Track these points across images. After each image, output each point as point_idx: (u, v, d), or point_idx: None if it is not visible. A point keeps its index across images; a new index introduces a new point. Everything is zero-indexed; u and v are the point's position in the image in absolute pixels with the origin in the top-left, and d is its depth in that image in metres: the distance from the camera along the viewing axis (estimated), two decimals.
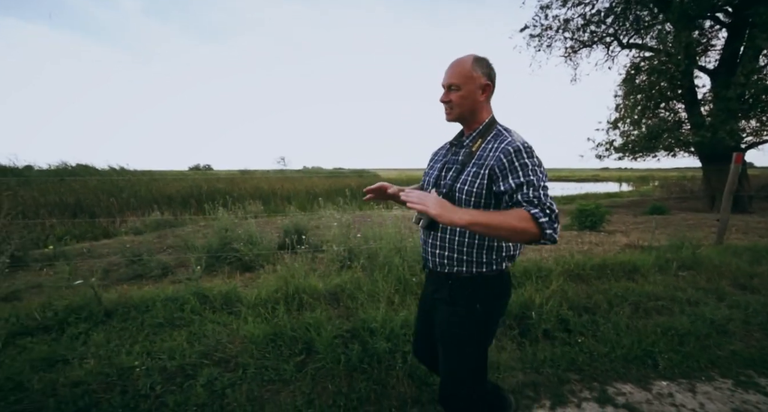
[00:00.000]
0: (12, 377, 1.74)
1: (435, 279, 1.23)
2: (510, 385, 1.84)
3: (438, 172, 1.22)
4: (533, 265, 3.16)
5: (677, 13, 8.35)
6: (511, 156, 1.02)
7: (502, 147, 1.05)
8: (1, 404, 1.61)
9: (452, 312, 1.15)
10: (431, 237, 1.19)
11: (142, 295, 2.63)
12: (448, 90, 1.13)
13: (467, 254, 1.12)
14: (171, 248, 5.59)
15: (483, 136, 1.13)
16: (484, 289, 1.14)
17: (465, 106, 1.13)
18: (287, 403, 1.68)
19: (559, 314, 2.39)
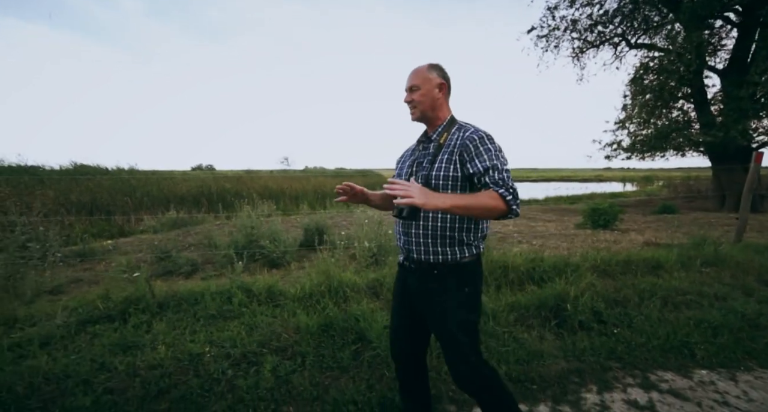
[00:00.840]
0: (95, 359, 1.86)
1: (419, 270, 1.29)
2: (556, 371, 1.94)
3: (408, 168, 1.33)
4: (561, 261, 3.26)
5: (688, 14, 8.42)
6: (476, 142, 1.17)
7: (467, 135, 1.20)
8: (94, 382, 1.73)
9: (448, 299, 1.23)
10: (413, 227, 1.25)
11: (189, 289, 2.74)
12: (410, 91, 1.28)
13: (449, 237, 1.21)
14: (193, 246, 5.71)
15: (448, 130, 1.27)
16: (467, 273, 1.25)
17: (426, 104, 1.27)
18: (349, 388, 1.79)
19: (592, 306, 2.48)
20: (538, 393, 1.81)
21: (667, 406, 1.66)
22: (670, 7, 9.68)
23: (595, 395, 1.77)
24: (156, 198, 11.95)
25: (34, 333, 2.11)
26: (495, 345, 2.13)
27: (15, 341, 2.05)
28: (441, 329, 1.26)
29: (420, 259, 1.26)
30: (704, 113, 9.68)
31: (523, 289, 2.97)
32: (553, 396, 1.78)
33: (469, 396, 1.28)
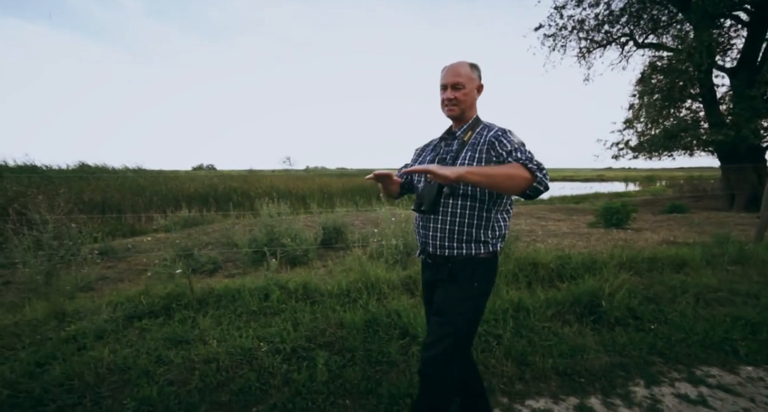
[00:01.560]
0: (150, 352, 1.90)
1: (434, 264, 1.30)
2: (600, 365, 1.98)
3: (429, 164, 1.33)
4: (589, 258, 3.29)
5: (699, 13, 8.43)
6: (500, 137, 1.21)
7: (492, 133, 1.23)
8: (155, 373, 1.77)
9: (453, 288, 1.24)
10: (432, 221, 1.27)
11: (225, 285, 2.78)
12: (453, 89, 1.27)
13: (467, 234, 1.21)
14: (210, 245, 5.75)
15: (473, 129, 1.29)
16: (480, 269, 1.24)
17: (466, 104, 1.29)
18: (401, 382, 1.82)
19: (627, 303, 2.52)
20: (586, 386, 1.84)
21: (719, 401, 1.69)
22: (680, 7, 9.70)
23: (643, 389, 1.81)
24: (165, 197, 12.00)
25: (87, 327, 2.15)
26: (538, 340, 2.17)
27: (71, 334, 2.09)
28: (440, 315, 1.24)
29: (435, 253, 1.28)
30: (714, 113, 9.71)
31: (554, 285, 3.01)
32: (602, 389, 1.81)
33: (420, 378, 1.23)
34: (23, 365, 1.82)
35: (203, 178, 15.66)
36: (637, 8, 10.80)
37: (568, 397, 1.77)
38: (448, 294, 1.24)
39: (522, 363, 1.99)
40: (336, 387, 1.79)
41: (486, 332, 2.17)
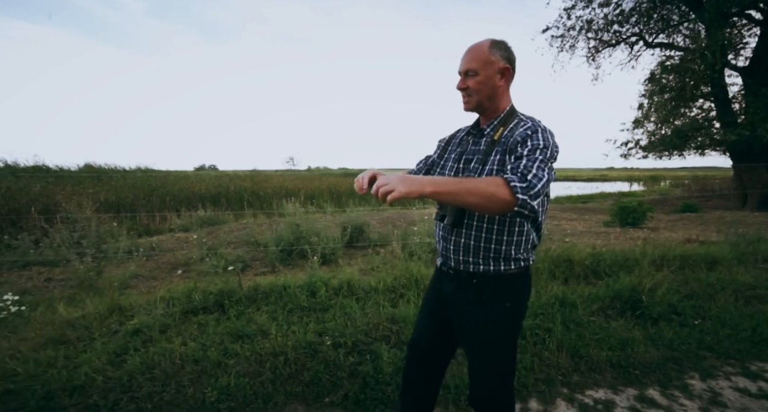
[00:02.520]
0: (216, 346, 1.96)
1: (456, 278, 1.15)
2: (651, 358, 2.03)
3: (454, 163, 1.16)
4: (621, 255, 3.35)
5: (712, 12, 8.46)
6: (528, 134, 0.98)
7: (521, 130, 1.01)
8: (226, 364, 1.83)
9: (484, 313, 1.10)
10: (455, 234, 1.11)
11: (270, 283, 2.84)
12: (465, 76, 1.07)
13: (494, 250, 1.06)
14: (232, 243, 5.82)
15: (505, 124, 1.07)
16: (511, 287, 1.10)
17: (484, 93, 1.07)
18: (463, 373, 1.88)
19: (668, 299, 2.57)
20: (642, 378, 1.90)
21: None
22: (692, 6, 9.73)
23: (699, 382, 1.86)
24: (176, 197, 12.09)
25: (149, 321, 2.22)
26: (587, 333, 2.22)
27: (136, 327, 2.15)
28: (472, 346, 1.13)
29: (459, 268, 1.13)
30: (726, 112, 9.73)
31: (589, 282, 3.06)
32: (658, 381, 1.87)
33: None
34: (103, 354, 1.89)
35: (212, 179, 15.77)
36: (647, 8, 10.83)
37: (626, 388, 1.83)
38: (477, 320, 1.10)
39: (575, 355, 2.05)
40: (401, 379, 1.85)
41: (537, 325, 2.23)
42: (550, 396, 1.78)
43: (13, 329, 2.18)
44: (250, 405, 1.66)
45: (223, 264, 3.22)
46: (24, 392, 1.64)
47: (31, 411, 1.57)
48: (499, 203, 0.84)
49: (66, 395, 1.65)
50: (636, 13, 11.04)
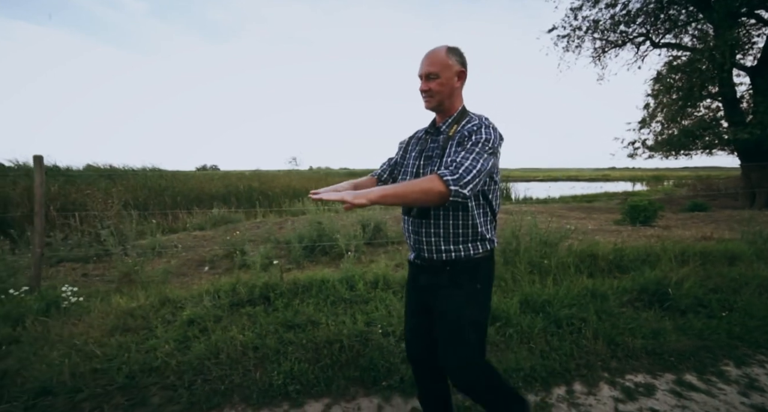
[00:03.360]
0: (270, 334, 2.08)
1: (430, 268, 1.23)
2: (684, 346, 2.14)
3: (415, 161, 1.27)
4: (642, 251, 3.45)
5: (722, 12, 8.54)
6: (474, 129, 1.11)
7: (470, 125, 1.15)
8: (285, 352, 1.95)
9: (457, 294, 1.18)
10: (424, 226, 1.19)
11: (307, 277, 2.96)
12: (427, 79, 1.17)
13: (462, 234, 1.16)
14: (251, 241, 5.93)
15: (458, 122, 1.19)
16: (480, 269, 1.20)
17: (444, 94, 1.18)
18: (509, 359, 1.99)
19: (693, 292, 2.68)
20: (678, 364, 2.01)
21: None
22: (700, 7, 9.81)
23: (735, 369, 1.96)
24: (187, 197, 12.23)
25: (200, 312, 2.34)
26: (620, 323, 2.33)
27: (190, 317, 2.27)
28: (449, 326, 1.19)
29: (432, 257, 1.21)
30: (735, 111, 9.81)
31: (613, 275, 3.17)
32: (694, 367, 1.98)
33: (471, 399, 1.27)
34: (167, 341, 2.01)
35: (219, 178, 15.90)
36: (654, 8, 10.91)
37: (664, 373, 1.93)
38: (452, 302, 1.19)
39: (611, 343, 2.15)
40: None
41: (572, 315, 2.34)
42: (592, 379, 1.88)
43: (78, 317, 2.30)
44: (314, 388, 1.77)
45: (261, 260, 3.33)
46: (109, 371, 1.76)
47: (118, 388, 1.69)
48: (436, 195, 0.98)
49: (145, 375, 1.77)
50: (643, 14, 11.12)
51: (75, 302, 2.48)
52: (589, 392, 1.80)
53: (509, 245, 3.39)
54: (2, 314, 2.24)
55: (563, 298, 2.50)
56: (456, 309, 1.18)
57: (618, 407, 1.68)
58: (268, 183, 15.90)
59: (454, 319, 1.18)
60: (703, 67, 9.66)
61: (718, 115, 10.78)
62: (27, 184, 9.27)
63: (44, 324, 2.21)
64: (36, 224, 2.72)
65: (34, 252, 2.70)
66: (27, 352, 1.91)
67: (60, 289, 2.57)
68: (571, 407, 1.69)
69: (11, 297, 2.40)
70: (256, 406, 1.65)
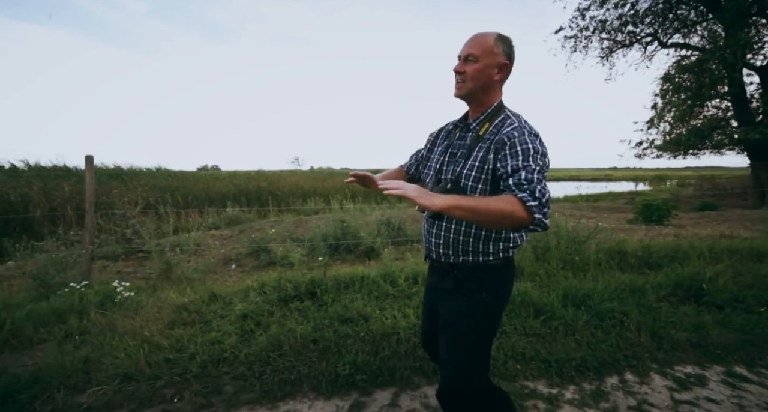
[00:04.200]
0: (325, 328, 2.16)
1: (439, 269, 1.18)
2: (728, 340, 2.20)
3: (440, 156, 1.17)
4: (670, 248, 3.52)
5: (733, 12, 8.58)
6: (515, 138, 0.98)
7: (506, 131, 1.01)
8: (345, 344, 2.03)
9: (458, 302, 1.10)
10: (435, 227, 1.14)
11: (348, 273, 3.03)
12: (465, 61, 1.06)
13: (472, 244, 1.07)
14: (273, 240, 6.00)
15: (491, 120, 1.07)
16: (489, 277, 1.09)
17: (478, 82, 1.06)
18: (557, 350, 2.06)
19: (729, 287, 2.74)
20: (725, 357, 2.07)
21: None
22: (710, 7, 9.85)
23: None
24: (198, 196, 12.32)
25: (250, 307, 2.41)
26: (661, 317, 2.39)
27: (243, 312, 2.34)
28: (447, 332, 1.12)
29: (440, 259, 1.16)
30: (745, 111, 9.86)
31: (642, 272, 3.24)
32: (742, 360, 2.04)
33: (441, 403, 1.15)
34: (227, 334, 2.08)
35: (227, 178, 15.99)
36: (663, 8, 10.96)
37: (713, 365, 2.00)
38: (455, 312, 1.11)
39: (654, 336, 2.22)
40: (506, 355, 2.03)
41: (613, 308, 2.41)
42: (642, 370, 1.95)
43: (134, 311, 2.37)
44: (379, 378, 1.84)
45: (299, 257, 3.40)
46: (180, 361, 1.84)
47: (194, 376, 1.76)
48: (515, 222, 0.86)
49: (216, 366, 1.85)
50: (651, 14, 11.17)
51: (127, 296, 2.55)
52: (642, 382, 1.86)
53: (539, 243, 3.46)
54: (68, 307, 2.31)
55: (602, 292, 2.58)
56: (454, 317, 1.10)
57: (674, 396, 1.75)
58: (276, 183, 15.99)
59: (451, 328, 1.11)
60: (713, 67, 9.71)
61: (727, 114, 10.82)
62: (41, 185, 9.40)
63: (105, 317, 2.28)
64: (87, 221, 2.80)
65: (86, 249, 2.78)
66: (100, 342, 1.98)
67: (111, 284, 2.65)
68: (627, 396, 1.76)
69: (73, 291, 2.48)
70: (326, 395, 1.72)
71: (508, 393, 1.30)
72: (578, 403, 1.70)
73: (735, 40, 8.54)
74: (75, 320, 2.23)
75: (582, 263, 3.18)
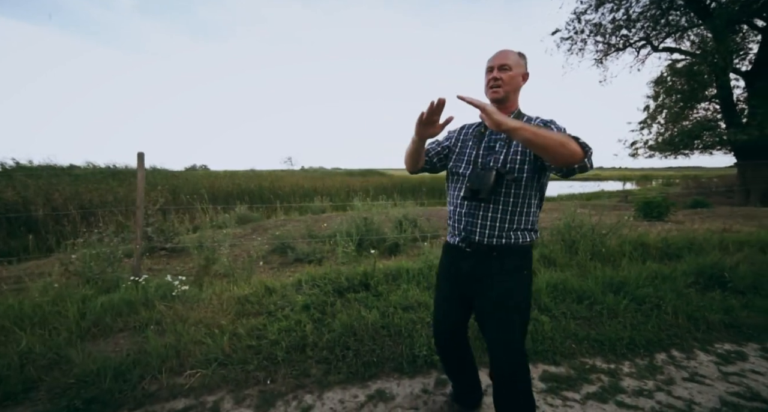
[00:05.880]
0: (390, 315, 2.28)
1: (476, 254, 1.27)
2: (757, 322, 2.41)
3: (471, 150, 1.32)
4: (686, 240, 3.76)
5: (723, 20, 9.04)
6: (546, 122, 1.21)
7: (540, 119, 1.24)
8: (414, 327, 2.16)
9: (506, 282, 1.23)
10: (482, 209, 1.24)
11: (392, 266, 3.14)
12: (500, 69, 1.23)
13: (517, 222, 1.22)
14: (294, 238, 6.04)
15: (519, 118, 1.26)
16: (525, 256, 1.26)
17: (511, 86, 1.24)
18: (607, 331, 2.23)
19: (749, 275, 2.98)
20: (758, 335, 2.28)
21: None
22: (700, 14, 10.34)
23: None
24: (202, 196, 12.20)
25: (310, 299, 2.51)
26: (693, 301, 2.60)
27: (306, 302, 2.44)
28: (497, 312, 1.24)
29: (482, 241, 1.24)
30: (732, 113, 10.38)
31: (663, 262, 3.46)
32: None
33: (500, 384, 1.27)
34: (298, 323, 2.19)
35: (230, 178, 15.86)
36: (655, 13, 11.42)
37: (748, 343, 2.20)
38: (502, 288, 1.23)
39: (690, 318, 2.42)
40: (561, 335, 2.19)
41: (650, 294, 2.61)
42: (686, 347, 2.14)
43: (194, 303, 2.44)
44: None
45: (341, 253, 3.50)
46: (264, 347, 1.94)
47: (281, 360, 1.87)
48: (571, 152, 1.00)
49: (298, 352, 1.95)
50: (644, 19, 11.62)
51: (184, 290, 2.61)
52: (688, 357, 2.05)
53: (566, 235, 3.66)
54: (136, 299, 2.37)
55: (636, 280, 2.77)
56: (504, 297, 1.23)
57: (720, 368, 1.94)
58: (277, 182, 15.95)
59: (503, 308, 1.23)
60: (704, 71, 10.19)
61: (716, 116, 11.36)
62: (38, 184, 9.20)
63: (172, 309, 2.35)
64: (138, 217, 2.84)
65: (137, 243, 2.82)
66: (179, 330, 2.06)
67: (164, 278, 2.70)
68: (679, 369, 1.94)
69: (136, 284, 2.53)
70: (409, 374, 1.85)
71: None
72: (637, 376, 1.87)
73: (724, 46, 9.00)
74: (145, 311, 2.29)
75: (608, 254, 3.38)
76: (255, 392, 1.69)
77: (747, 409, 1.61)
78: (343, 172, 31.42)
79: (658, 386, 1.77)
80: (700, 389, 1.76)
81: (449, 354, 1.50)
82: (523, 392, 1.26)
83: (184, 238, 5.73)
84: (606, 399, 1.67)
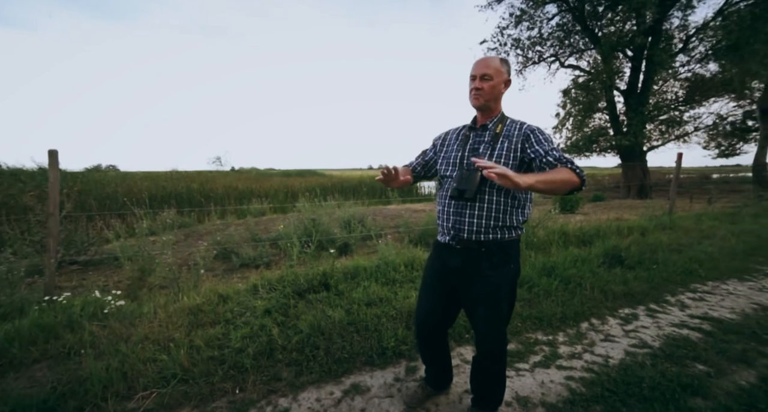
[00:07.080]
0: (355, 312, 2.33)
1: (464, 250, 1.33)
2: (642, 288, 3.04)
3: (457, 152, 1.39)
4: (593, 229, 4.53)
5: (607, 46, 10.99)
6: (535, 133, 1.28)
7: (525, 127, 1.31)
8: (380, 321, 2.23)
9: (493, 276, 1.31)
10: (469, 208, 1.30)
11: (348, 265, 3.18)
12: (481, 79, 1.31)
13: (502, 220, 1.29)
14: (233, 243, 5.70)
15: (502, 123, 1.34)
16: (511, 251, 1.34)
17: (491, 95, 1.31)
18: (544, 309, 2.61)
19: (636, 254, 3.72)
20: (643, 299, 2.88)
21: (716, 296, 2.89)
22: (592, 40, 12.39)
23: (672, 297, 2.92)
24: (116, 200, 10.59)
25: (271, 302, 2.42)
26: (603, 278, 3.16)
27: (266, 307, 2.35)
28: (487, 303, 1.33)
29: (470, 238, 1.31)
30: (616, 123, 12.68)
31: (580, 246, 4.12)
32: (653, 299, 2.87)
33: (481, 364, 1.44)
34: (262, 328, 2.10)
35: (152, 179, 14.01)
36: (560, 35, 13.33)
37: (637, 306, 2.78)
38: (491, 281, 1.31)
39: (602, 291, 2.95)
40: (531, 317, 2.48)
41: (573, 275, 3.11)
42: (601, 315, 2.61)
43: (135, 319, 2.16)
44: None
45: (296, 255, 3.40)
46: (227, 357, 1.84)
47: (249, 368, 1.78)
48: (573, 185, 1.16)
49: (266, 357, 1.88)
50: (552, 38, 13.47)
51: (119, 306, 2.30)
52: (603, 323, 2.51)
53: None
54: (56, 323, 2.00)
55: (563, 264, 3.27)
56: (492, 290, 1.32)
57: (623, 328, 2.42)
58: (207, 184, 14.59)
59: (491, 299, 1.32)
60: (596, 87, 12.23)
61: (606, 125, 13.74)
62: None
63: (107, 328, 2.05)
64: (50, 226, 2.38)
65: (51, 258, 2.36)
66: (122, 351, 1.81)
67: (92, 294, 2.34)
68: (597, 333, 2.36)
69: (53, 305, 2.12)
70: (381, 366, 1.92)
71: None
72: (569, 343, 2.23)
73: (609, 68, 10.94)
74: (70, 334, 1.96)
75: (539, 243, 3.91)
76: (223, 403, 1.60)
77: (640, 355, 2.05)
78: (278, 173, 30.05)
79: (585, 349, 2.15)
80: (612, 346, 2.18)
81: (429, 344, 1.58)
82: (500, 372, 1.43)
83: (100, 249, 4.97)
84: (549, 365, 1.97)
